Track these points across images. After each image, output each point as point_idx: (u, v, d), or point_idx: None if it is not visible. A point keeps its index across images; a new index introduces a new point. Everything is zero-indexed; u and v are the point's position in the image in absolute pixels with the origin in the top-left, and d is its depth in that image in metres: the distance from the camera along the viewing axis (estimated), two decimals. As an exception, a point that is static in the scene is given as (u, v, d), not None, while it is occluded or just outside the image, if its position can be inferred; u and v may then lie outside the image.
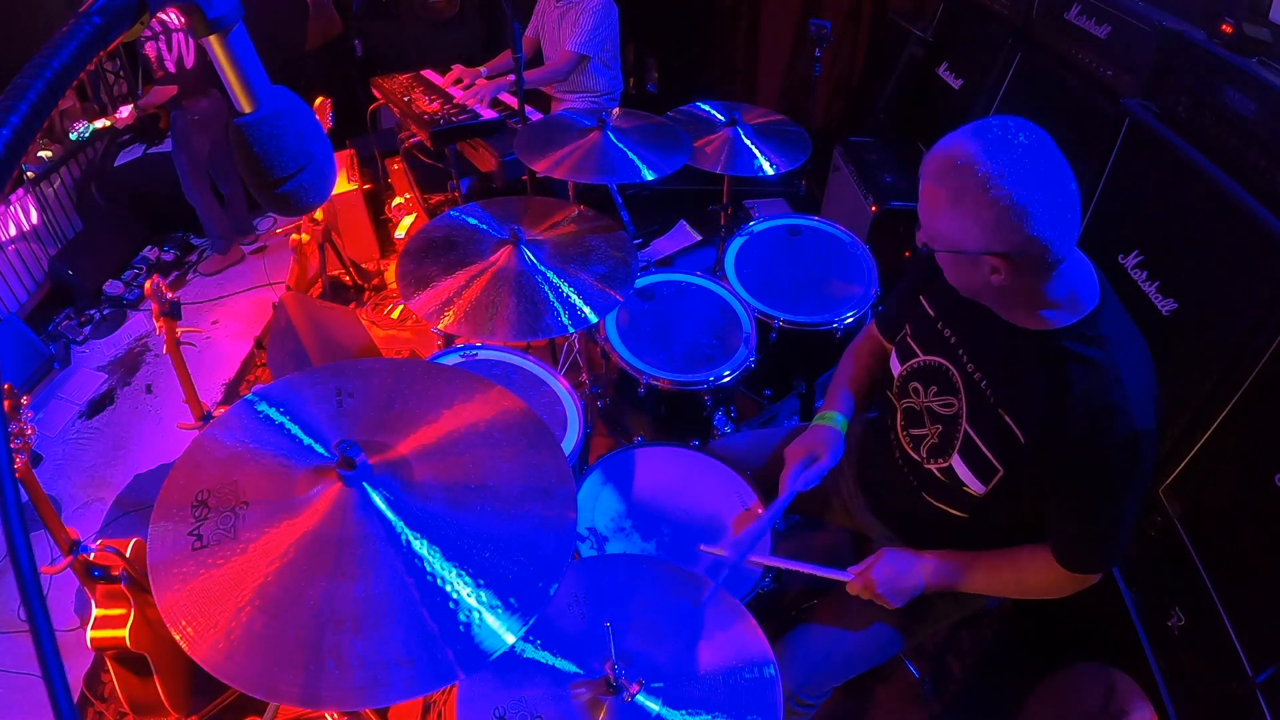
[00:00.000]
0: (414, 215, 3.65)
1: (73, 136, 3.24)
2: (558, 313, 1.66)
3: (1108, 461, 1.12)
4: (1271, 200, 1.49)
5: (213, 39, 0.59)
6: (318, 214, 3.12)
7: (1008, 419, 1.20)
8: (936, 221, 1.11)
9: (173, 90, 3.36)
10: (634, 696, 1.13)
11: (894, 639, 1.48)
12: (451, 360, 1.98)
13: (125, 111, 3.28)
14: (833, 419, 1.54)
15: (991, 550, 1.34)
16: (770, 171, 2.32)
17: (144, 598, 1.76)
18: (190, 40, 3.36)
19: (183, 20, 3.25)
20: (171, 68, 3.33)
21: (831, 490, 1.71)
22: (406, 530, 0.96)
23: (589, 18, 3.18)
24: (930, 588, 1.36)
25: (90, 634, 1.73)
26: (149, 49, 3.26)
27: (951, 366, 1.30)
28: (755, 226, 2.41)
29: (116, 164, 3.95)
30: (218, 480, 1.01)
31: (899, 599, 1.35)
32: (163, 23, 3.28)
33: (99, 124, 3.25)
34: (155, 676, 1.81)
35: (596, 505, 1.67)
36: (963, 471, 1.29)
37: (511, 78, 3.25)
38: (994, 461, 1.23)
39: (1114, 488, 1.13)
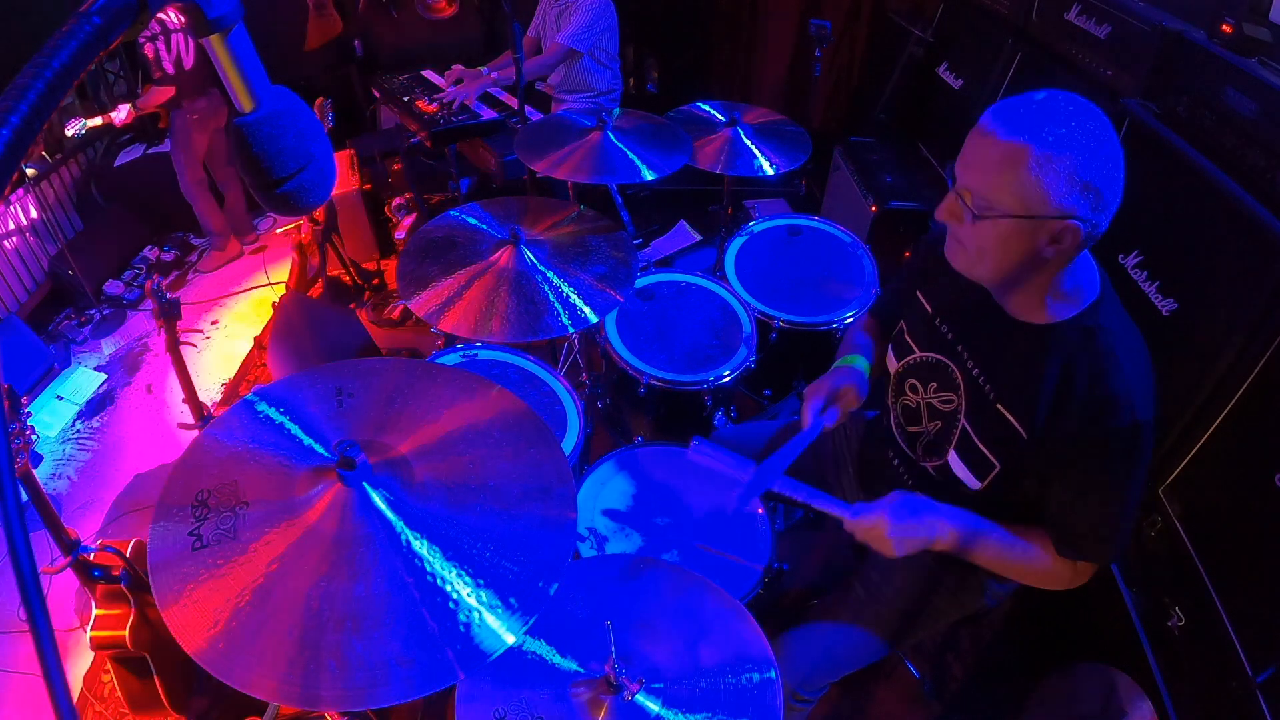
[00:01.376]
0: (414, 215, 3.65)
1: (69, 133, 3.24)
2: (558, 313, 1.66)
3: (1110, 450, 1.11)
4: (1271, 200, 1.49)
5: (213, 39, 0.59)
6: (318, 214, 3.12)
7: (1008, 415, 1.19)
8: (1010, 179, 1.02)
9: (170, 91, 3.36)
10: (634, 696, 1.13)
11: (893, 636, 1.48)
12: (451, 360, 1.98)
13: (123, 111, 3.28)
14: (854, 360, 1.48)
15: (1005, 526, 1.26)
16: (770, 171, 2.32)
17: (144, 598, 1.76)
18: (190, 40, 3.36)
19: (182, 20, 3.25)
20: (170, 68, 3.33)
21: (835, 484, 1.71)
22: (406, 530, 0.96)
23: (583, 14, 3.18)
24: (939, 545, 1.25)
25: (90, 634, 1.73)
26: (148, 49, 3.26)
27: (950, 363, 1.30)
28: (755, 226, 2.41)
29: (116, 164, 3.95)
30: (218, 480, 1.01)
31: (904, 547, 1.23)
32: (162, 23, 3.28)
33: (94, 121, 3.25)
34: (155, 676, 1.81)
35: (597, 505, 1.67)
36: (959, 468, 1.28)
37: (494, 73, 3.26)
38: (990, 458, 1.23)
39: (1116, 477, 1.13)
